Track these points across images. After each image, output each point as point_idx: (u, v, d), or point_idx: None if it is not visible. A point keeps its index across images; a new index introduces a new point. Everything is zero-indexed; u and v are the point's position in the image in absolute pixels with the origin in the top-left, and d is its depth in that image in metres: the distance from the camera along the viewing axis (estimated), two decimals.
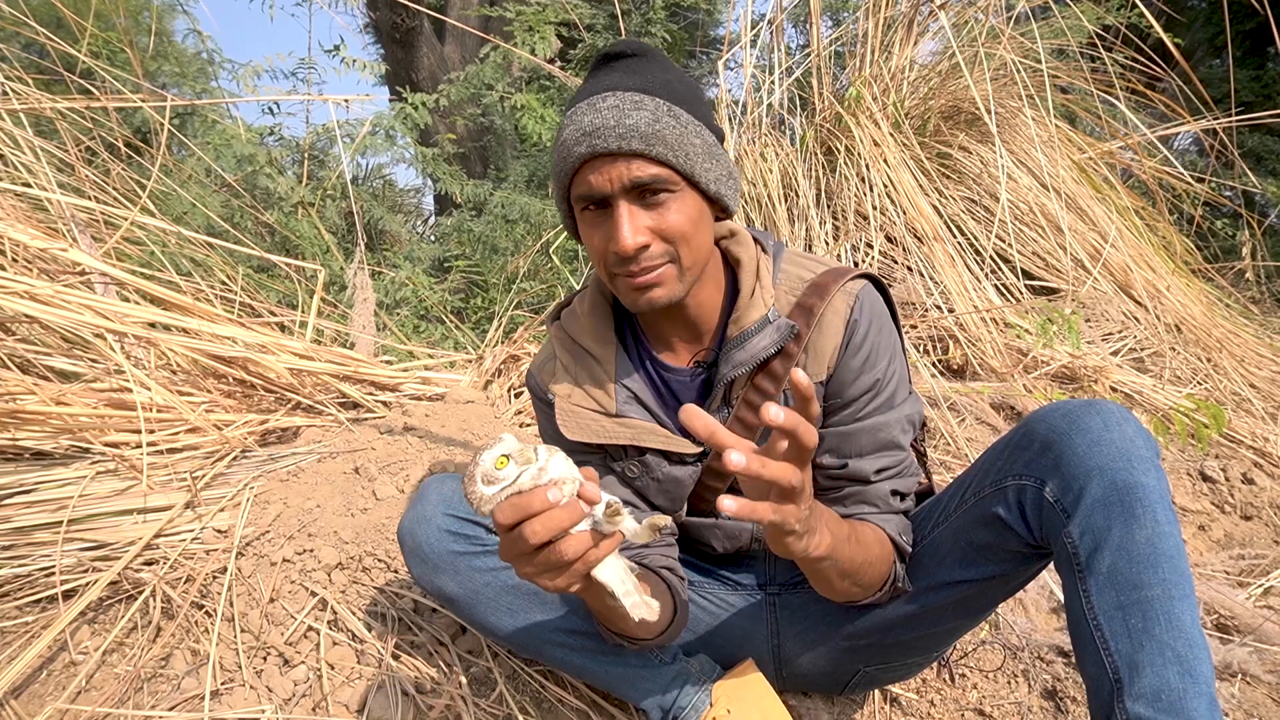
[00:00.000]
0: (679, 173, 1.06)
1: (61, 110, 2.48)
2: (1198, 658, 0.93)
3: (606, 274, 1.13)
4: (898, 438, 1.20)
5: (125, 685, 1.46)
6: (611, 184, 1.04)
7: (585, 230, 1.12)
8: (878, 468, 1.19)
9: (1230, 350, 3.34)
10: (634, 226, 1.05)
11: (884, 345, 1.18)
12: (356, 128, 4.05)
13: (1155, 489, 0.98)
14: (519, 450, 0.84)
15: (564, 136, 1.07)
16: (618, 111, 1.03)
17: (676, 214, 1.07)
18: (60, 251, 2.03)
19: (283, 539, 1.72)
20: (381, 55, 6.84)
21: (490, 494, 0.83)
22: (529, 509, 0.82)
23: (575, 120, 1.06)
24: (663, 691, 1.34)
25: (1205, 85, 3.39)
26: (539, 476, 0.83)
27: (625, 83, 1.06)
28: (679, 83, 1.09)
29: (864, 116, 3.28)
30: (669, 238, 1.07)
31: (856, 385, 1.17)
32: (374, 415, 2.22)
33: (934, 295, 2.94)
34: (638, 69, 1.08)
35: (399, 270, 3.78)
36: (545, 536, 0.82)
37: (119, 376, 1.95)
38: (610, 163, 1.04)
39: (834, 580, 1.10)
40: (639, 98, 1.05)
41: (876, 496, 1.20)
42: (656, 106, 1.04)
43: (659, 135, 1.03)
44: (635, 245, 1.05)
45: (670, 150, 1.04)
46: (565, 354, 1.26)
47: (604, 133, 1.03)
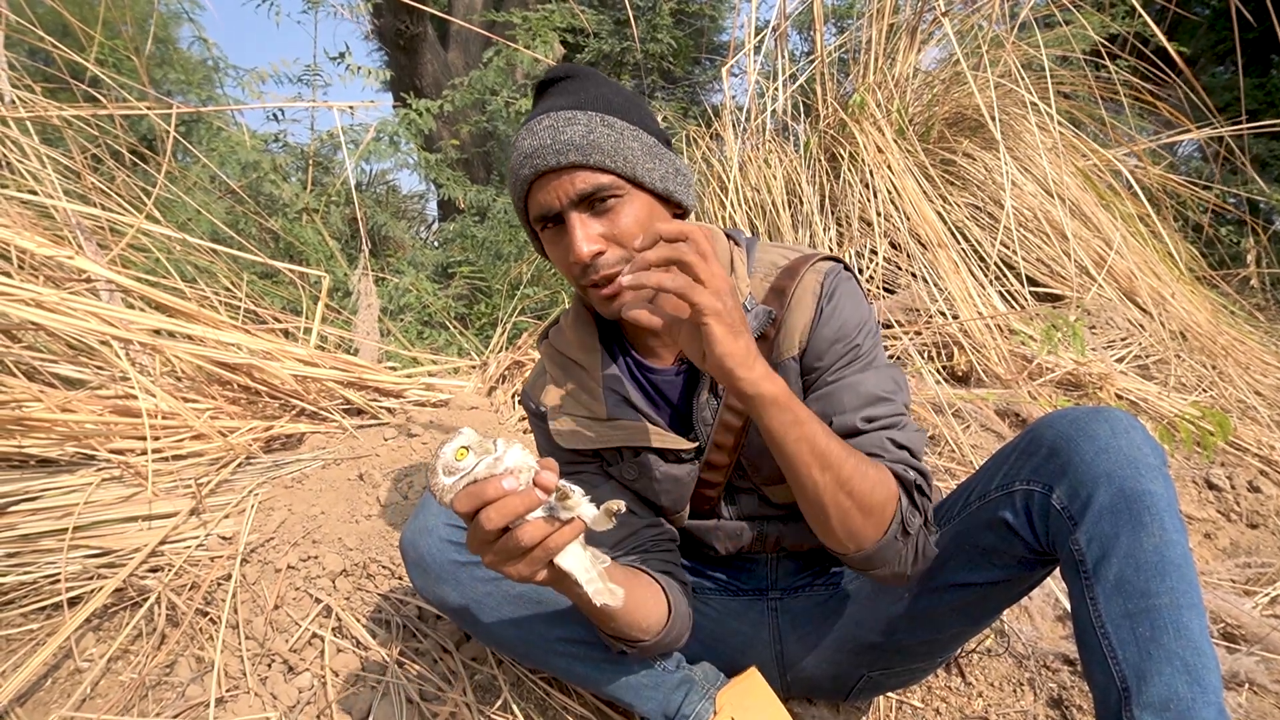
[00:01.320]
0: (621, 176, 1.10)
1: (68, 118, 2.49)
2: (1206, 667, 0.92)
3: (580, 288, 1.16)
4: (881, 391, 1.15)
5: (130, 693, 1.46)
6: (559, 199, 1.09)
7: (549, 249, 1.17)
8: (865, 416, 1.13)
9: (1236, 358, 3.33)
10: (586, 235, 1.09)
11: (855, 316, 1.18)
12: (361, 134, 4.06)
13: (1163, 497, 0.98)
14: (478, 441, 0.87)
15: (512, 164, 1.13)
16: (553, 130, 1.08)
17: (626, 217, 1.10)
18: (66, 259, 2.04)
19: (287, 545, 1.72)
20: (386, 62, 6.86)
21: (450, 484, 0.86)
22: (484, 496, 0.84)
23: (518, 147, 1.12)
24: (666, 700, 1.33)
25: (1208, 93, 3.38)
26: (494, 466, 0.86)
27: (559, 103, 1.12)
28: (613, 94, 1.14)
29: (868, 123, 3.28)
30: (623, 241, 1.10)
31: (832, 352, 1.17)
32: (378, 421, 2.22)
33: (938, 302, 2.93)
34: (571, 89, 1.13)
35: (403, 276, 3.78)
36: (500, 522, 0.84)
37: (124, 383, 1.95)
38: (554, 179, 1.09)
39: (814, 471, 1.02)
40: (571, 114, 1.09)
41: (873, 444, 1.11)
42: (589, 119, 1.09)
43: (594, 144, 1.08)
44: (590, 253, 1.08)
45: (607, 157, 1.08)
46: (554, 368, 1.30)
47: (542, 152, 1.08)
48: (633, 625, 1.14)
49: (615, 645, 1.21)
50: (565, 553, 0.91)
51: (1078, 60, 3.85)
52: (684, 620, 1.25)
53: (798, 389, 1.19)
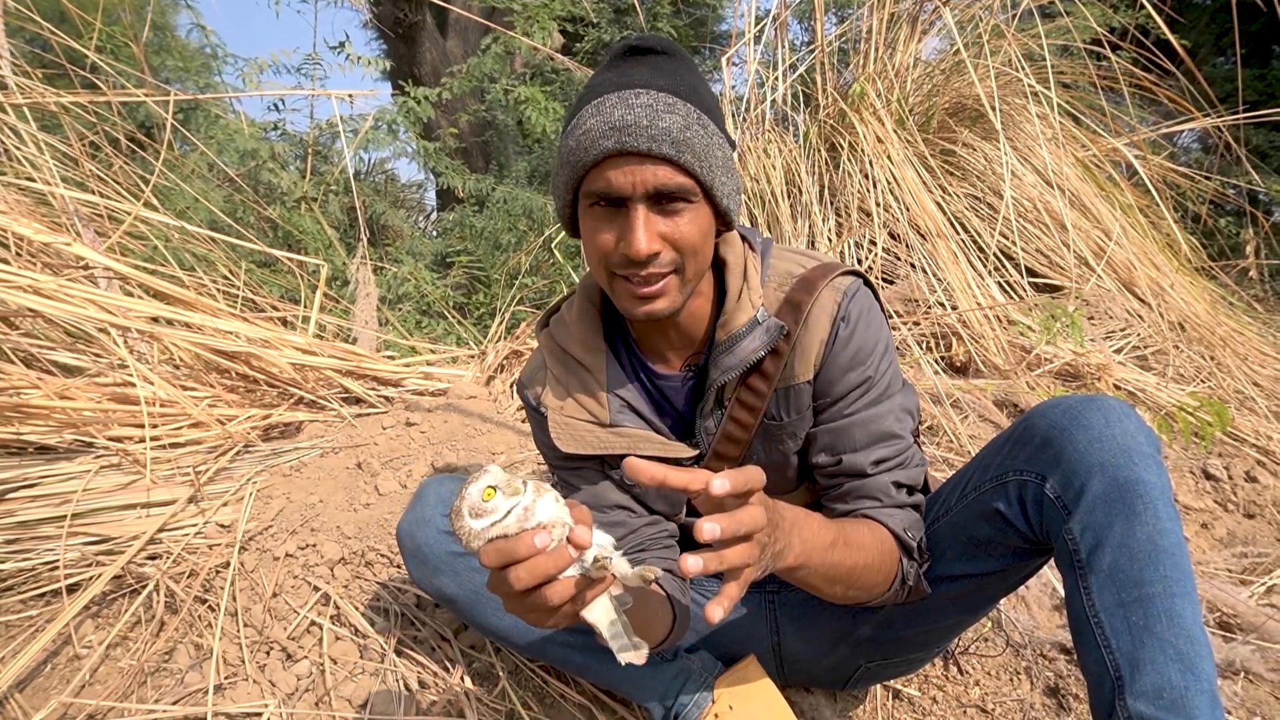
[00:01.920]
0: (700, 184, 1.03)
1: (66, 105, 2.48)
2: (1199, 655, 0.93)
3: (606, 274, 1.09)
4: (893, 428, 1.17)
5: (129, 679, 1.47)
6: (635, 186, 1.00)
7: (590, 225, 1.07)
8: (874, 459, 1.16)
9: (1234, 348, 3.33)
10: (649, 233, 1.01)
11: (871, 341, 1.15)
12: (359, 123, 4.04)
13: (1156, 485, 0.97)
14: (505, 481, 0.81)
15: (587, 125, 1.01)
16: (651, 111, 0.99)
17: (690, 225, 1.04)
18: (64, 246, 2.03)
19: (285, 534, 1.72)
20: (384, 51, 6.83)
21: (478, 529, 0.80)
22: (514, 555, 0.79)
23: (603, 111, 1.00)
24: (664, 689, 1.34)
25: (1209, 84, 3.37)
26: (525, 518, 0.80)
27: (657, 81, 1.02)
28: (705, 90, 1.06)
29: (868, 113, 3.27)
30: (680, 248, 1.04)
31: (845, 381, 1.15)
32: (376, 410, 2.22)
33: (937, 292, 2.93)
34: (668, 69, 1.04)
35: (401, 265, 3.78)
36: (530, 583, 0.80)
37: (122, 371, 1.95)
38: (637, 163, 1.00)
39: (821, 587, 1.08)
40: (671, 100, 1.00)
41: (877, 489, 1.16)
42: (688, 113, 1.01)
43: (689, 143, 1.00)
44: (650, 251, 1.02)
45: (697, 160, 1.01)
46: (555, 364, 1.24)
47: (635, 131, 0.98)
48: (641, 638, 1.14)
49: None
50: (593, 606, 0.88)
51: (1078, 50, 3.83)
52: (685, 620, 1.25)
53: (808, 410, 1.19)
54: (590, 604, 0.87)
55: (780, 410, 1.18)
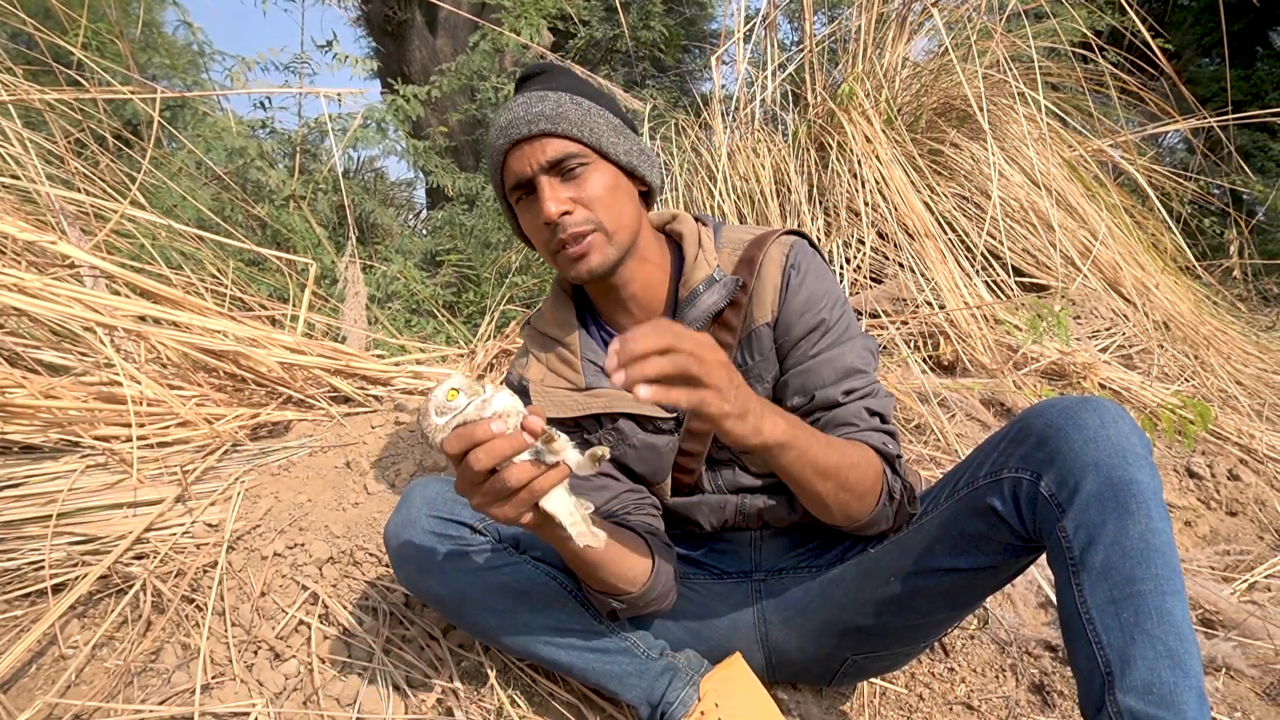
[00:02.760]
0: (588, 146, 1.19)
1: (50, 102, 2.46)
2: (1188, 652, 0.95)
3: (549, 255, 1.23)
4: (857, 363, 1.25)
5: (115, 679, 1.46)
6: (530, 165, 1.18)
7: (523, 219, 1.25)
8: (844, 390, 1.23)
9: (1217, 348, 3.36)
10: (554, 196, 1.17)
11: (823, 289, 1.26)
12: (348, 121, 4.03)
13: (1149, 486, 1.00)
14: (467, 384, 0.91)
15: (488, 141, 1.24)
16: (525, 105, 1.19)
17: (594, 184, 1.19)
18: (49, 244, 2.02)
19: (274, 533, 1.72)
20: (373, 49, 6.80)
21: (442, 424, 0.89)
22: (473, 438, 0.88)
23: (495, 124, 1.23)
24: (650, 687, 1.34)
25: (1194, 85, 3.40)
26: (483, 408, 0.89)
27: (531, 88, 1.23)
28: (581, 84, 1.26)
29: (856, 113, 3.28)
30: (589, 203, 1.19)
31: (802, 323, 1.24)
32: (366, 409, 2.22)
33: (925, 292, 2.95)
34: (545, 80, 1.25)
35: (390, 264, 3.77)
36: (488, 463, 0.88)
37: (109, 370, 1.94)
38: (526, 146, 1.18)
39: (816, 483, 1.11)
40: (542, 93, 1.20)
41: (851, 416, 1.23)
42: (559, 96, 1.20)
43: (563, 115, 1.18)
44: (558, 210, 1.17)
45: (574, 126, 1.18)
46: (536, 346, 1.37)
47: (515, 123, 1.18)
48: (618, 576, 1.18)
49: (603, 603, 1.24)
50: (550, 496, 0.95)
51: (1066, 52, 3.85)
52: (668, 576, 1.29)
53: (770, 354, 1.27)
54: (548, 494, 0.94)
55: (745, 355, 1.28)
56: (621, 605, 1.24)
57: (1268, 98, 6.34)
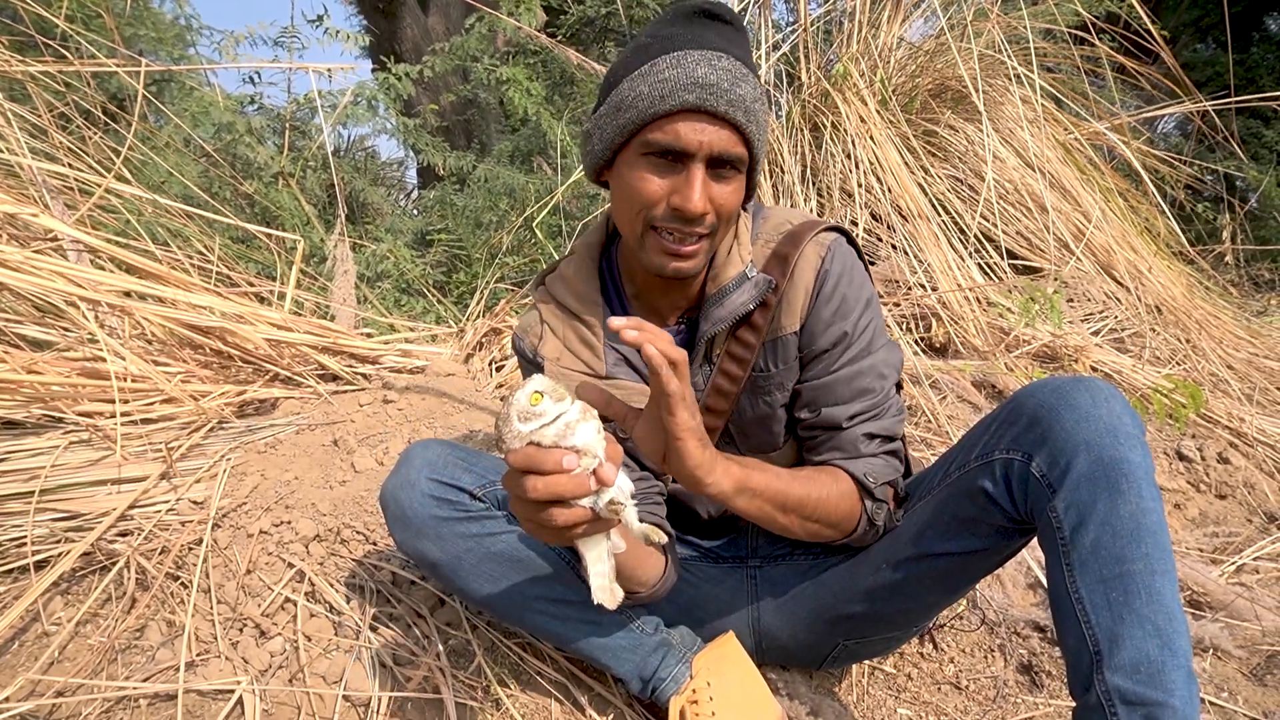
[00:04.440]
0: (752, 157, 1.09)
1: (34, 74, 2.42)
2: (1177, 631, 0.94)
3: (642, 226, 1.11)
4: (872, 384, 1.21)
5: (99, 656, 1.45)
6: (702, 145, 1.04)
7: (639, 174, 1.08)
8: (850, 414, 1.21)
9: (1209, 332, 3.37)
10: (705, 193, 1.06)
11: (854, 296, 1.20)
12: (338, 98, 3.98)
13: (1140, 465, 0.99)
14: (551, 387, 0.84)
15: (666, 75, 1.03)
16: (731, 76, 1.03)
17: (734, 194, 1.10)
18: (31, 217, 1.99)
19: (260, 510, 1.70)
20: (365, 26, 6.72)
21: (526, 431, 0.82)
22: (539, 465, 0.82)
23: (684, 65, 1.02)
24: (643, 662, 1.34)
25: (1189, 69, 3.38)
26: (564, 435, 0.82)
27: (732, 50, 1.05)
28: (756, 71, 1.11)
29: (851, 93, 3.25)
30: (722, 215, 1.10)
31: (827, 335, 1.19)
32: (353, 387, 2.20)
33: (918, 273, 2.94)
34: (736, 40, 1.08)
35: (380, 243, 3.73)
36: (543, 497, 0.82)
37: (93, 345, 1.92)
38: (711, 123, 1.04)
39: (776, 516, 1.11)
40: (744, 71, 1.05)
41: (847, 442, 1.21)
42: (755, 87, 1.06)
43: (755, 116, 1.06)
44: (704, 209, 1.06)
45: (758, 134, 1.07)
46: (552, 317, 1.27)
47: (718, 92, 1.02)
48: (632, 579, 1.16)
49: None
50: (589, 540, 0.91)
51: (1062, 35, 3.83)
52: (673, 573, 1.27)
53: (794, 361, 1.22)
54: (589, 539, 0.90)
55: (768, 362, 1.23)
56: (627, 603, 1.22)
57: (1262, 82, 6.33)
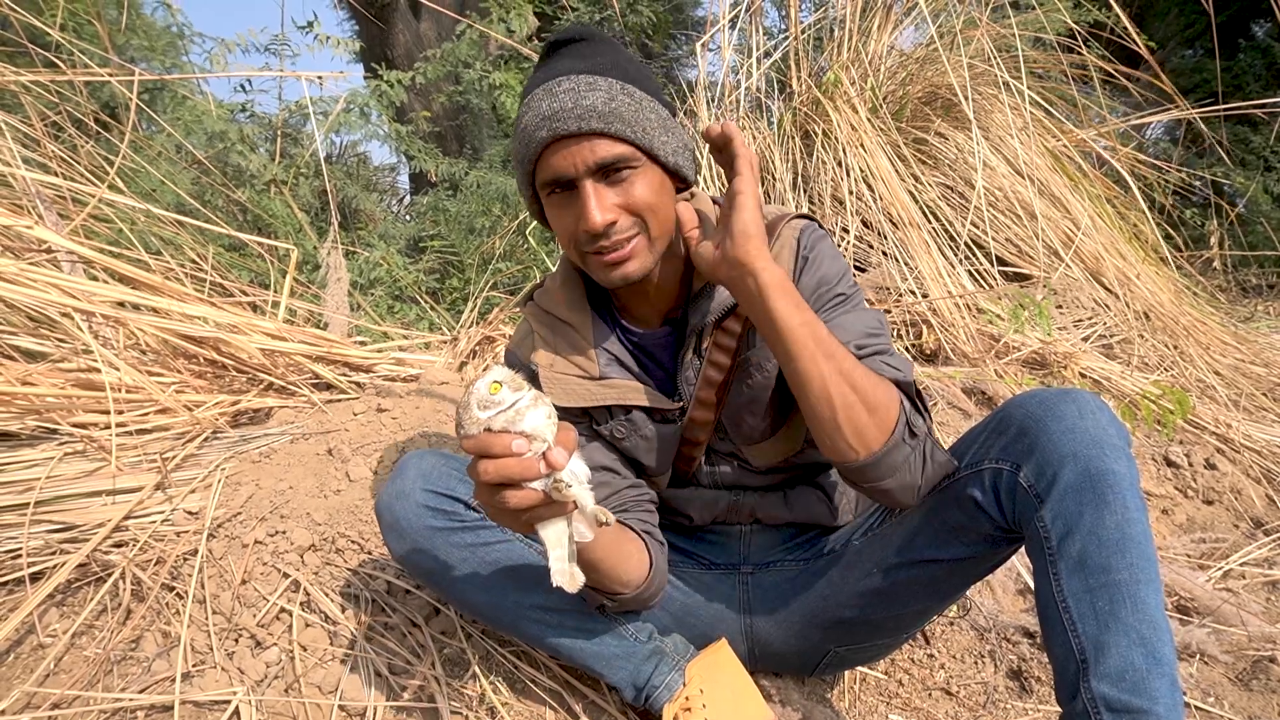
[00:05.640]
0: (639, 148, 1.09)
1: (26, 84, 2.42)
2: (1161, 640, 0.96)
3: (578, 255, 1.16)
4: (873, 326, 1.20)
5: (95, 668, 1.45)
6: (576, 166, 1.08)
7: (553, 213, 1.15)
8: (856, 345, 1.15)
9: (1196, 338, 3.40)
10: (601, 205, 1.08)
11: (831, 270, 1.22)
12: (330, 105, 3.98)
13: (1126, 476, 1.01)
14: (510, 377, 0.87)
15: (524, 124, 1.10)
16: (574, 94, 1.06)
17: (641, 188, 1.11)
18: (25, 228, 1.99)
19: (255, 520, 1.71)
20: (356, 32, 6.72)
21: (483, 418, 0.86)
22: (489, 449, 0.85)
23: (533, 107, 1.08)
24: (637, 670, 1.35)
25: (1176, 76, 3.42)
26: (513, 420, 0.86)
27: (577, 66, 1.09)
28: (628, 62, 1.13)
29: (842, 101, 3.28)
30: (636, 211, 1.11)
31: (814, 299, 1.20)
32: (347, 396, 2.20)
33: (908, 280, 2.96)
34: (587, 53, 1.11)
35: (373, 250, 3.74)
36: (495, 480, 0.86)
37: (87, 356, 1.92)
38: (573, 144, 1.07)
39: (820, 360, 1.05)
40: (592, 79, 1.08)
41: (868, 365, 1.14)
42: (610, 86, 1.08)
43: (616, 113, 1.07)
44: (604, 222, 1.08)
45: (628, 127, 1.07)
46: (542, 327, 1.29)
47: (563, 115, 1.06)
48: (614, 578, 1.16)
49: (593, 599, 1.24)
50: (547, 524, 0.93)
51: (1050, 42, 3.87)
52: (662, 576, 1.28)
53: None
54: (547, 522, 0.93)
55: (755, 339, 1.24)
56: (612, 604, 1.23)
57: (1249, 89, 6.38)
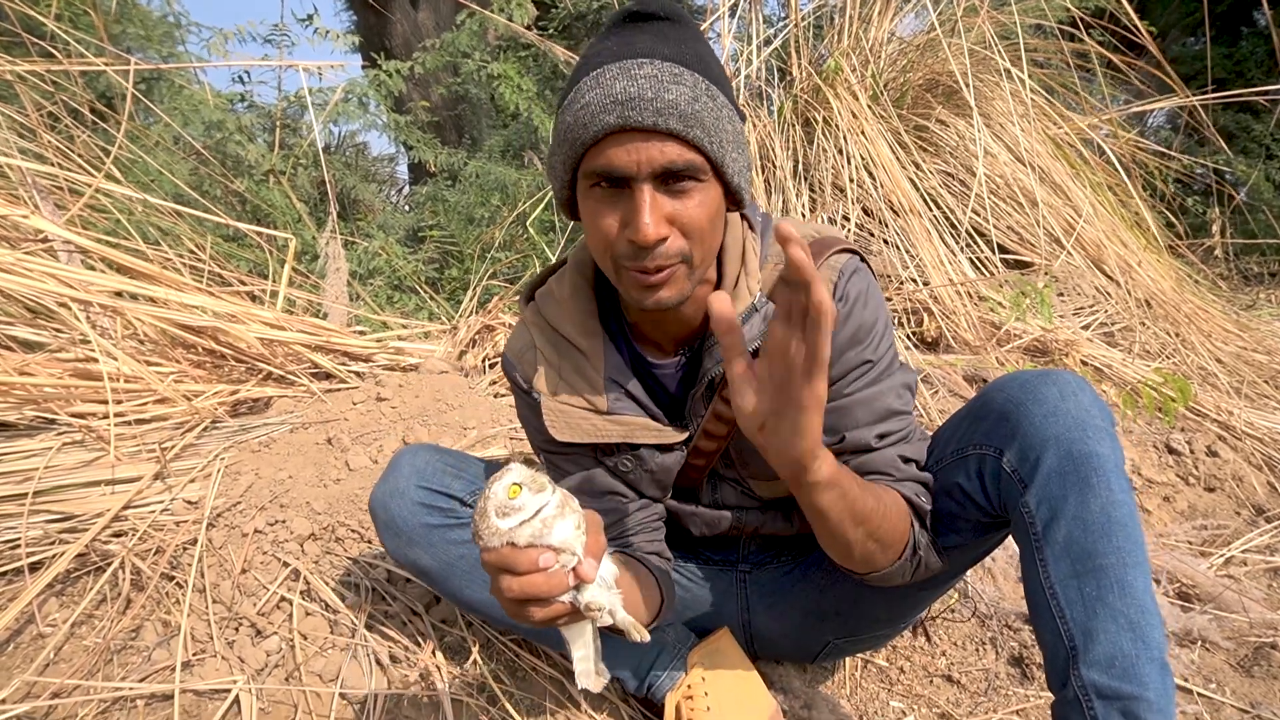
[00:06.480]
0: (710, 161, 0.96)
1: (22, 74, 2.41)
2: (1150, 624, 0.94)
3: (612, 264, 1.01)
4: (894, 404, 1.14)
5: (95, 657, 1.45)
6: (640, 166, 0.93)
7: (592, 208, 0.99)
8: (878, 433, 1.13)
9: (1198, 325, 3.39)
10: (656, 216, 0.94)
11: (870, 321, 1.11)
12: (328, 95, 3.97)
13: (1110, 458, 0.99)
14: (530, 477, 0.80)
15: (586, 99, 0.93)
16: (656, 83, 0.91)
17: (699, 206, 0.97)
18: (22, 219, 1.98)
19: (254, 510, 1.70)
20: (354, 22, 6.69)
21: (504, 528, 0.78)
22: (514, 566, 0.80)
23: (603, 84, 0.92)
24: (638, 660, 1.35)
25: (1178, 63, 3.40)
26: (540, 533, 0.79)
27: (661, 50, 0.94)
28: (712, 59, 0.99)
29: (842, 88, 3.26)
30: (688, 232, 0.97)
31: (844, 361, 1.11)
32: (347, 386, 2.20)
33: (909, 268, 2.95)
34: (672, 36, 0.96)
35: (372, 240, 3.73)
36: (519, 597, 0.81)
37: (85, 346, 1.91)
38: (643, 140, 0.92)
39: (848, 529, 1.02)
40: (678, 70, 0.93)
41: (885, 463, 1.13)
42: (695, 83, 0.93)
43: (698, 117, 0.92)
44: (657, 236, 0.94)
45: (707, 135, 0.94)
46: (547, 345, 1.17)
47: (640, 105, 0.90)
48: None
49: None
50: (573, 626, 0.89)
51: (1051, 29, 3.84)
52: (671, 603, 1.24)
53: None
54: (573, 625, 0.88)
55: None
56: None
57: (1250, 75, 6.36)
